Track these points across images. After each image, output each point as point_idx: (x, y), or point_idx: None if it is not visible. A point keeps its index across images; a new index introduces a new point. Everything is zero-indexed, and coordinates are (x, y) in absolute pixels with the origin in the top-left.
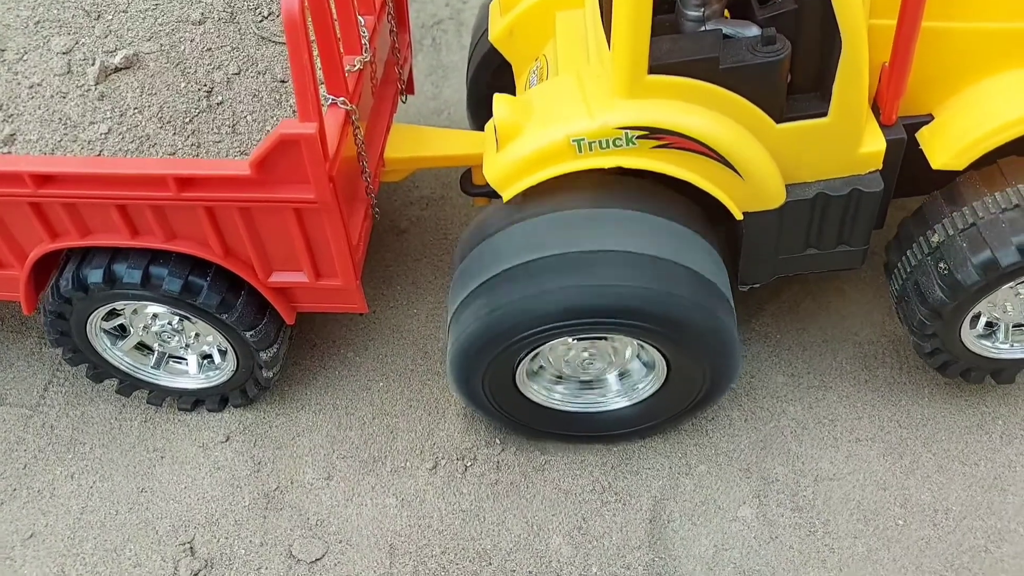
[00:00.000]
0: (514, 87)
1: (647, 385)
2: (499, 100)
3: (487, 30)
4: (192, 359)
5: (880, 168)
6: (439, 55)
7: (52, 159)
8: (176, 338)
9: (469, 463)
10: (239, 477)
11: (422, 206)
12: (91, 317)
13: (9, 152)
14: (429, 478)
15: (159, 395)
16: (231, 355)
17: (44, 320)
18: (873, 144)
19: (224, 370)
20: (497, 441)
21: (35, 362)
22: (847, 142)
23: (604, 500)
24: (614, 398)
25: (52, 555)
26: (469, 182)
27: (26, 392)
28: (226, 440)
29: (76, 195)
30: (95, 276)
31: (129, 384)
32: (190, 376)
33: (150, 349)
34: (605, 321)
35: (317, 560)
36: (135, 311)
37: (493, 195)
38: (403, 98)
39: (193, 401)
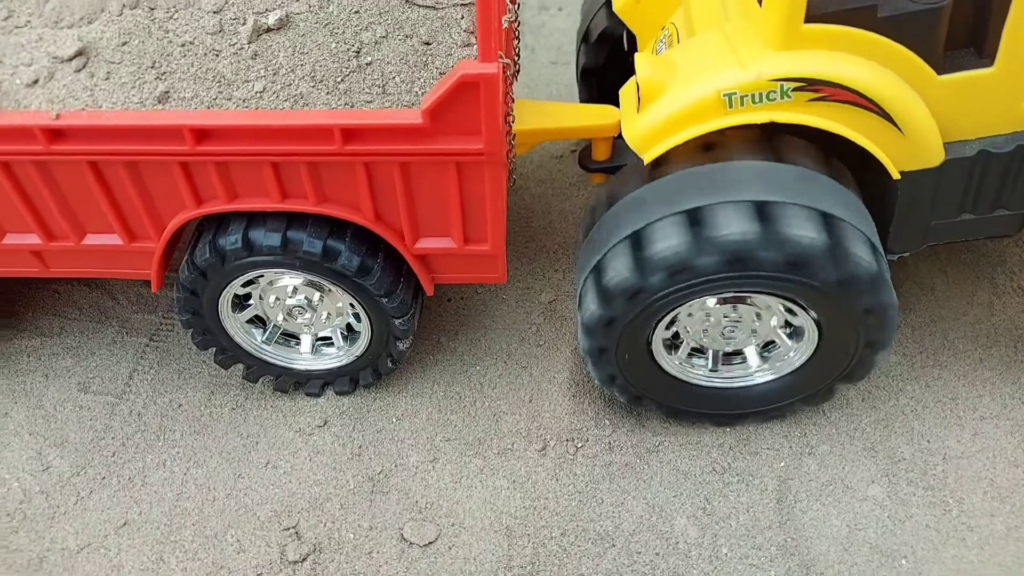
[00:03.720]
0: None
1: (796, 355)
2: (641, 59)
3: (603, 5)
4: (336, 335)
5: None
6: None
7: (215, 112)
8: (308, 315)
9: (580, 444)
10: (341, 461)
11: None
12: (223, 293)
13: (163, 110)
14: (539, 459)
15: (287, 379)
16: (365, 327)
17: (176, 299)
18: None
19: (358, 344)
20: (607, 422)
21: (118, 351)
22: (1012, 95)
23: (726, 481)
24: (757, 371)
25: (149, 543)
26: (588, 157)
27: (110, 380)
28: (324, 424)
29: (234, 151)
30: (232, 242)
31: (257, 369)
32: (328, 356)
33: (293, 337)
34: (777, 276)
35: (431, 543)
36: (271, 283)
37: (611, 171)
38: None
39: (295, 383)
